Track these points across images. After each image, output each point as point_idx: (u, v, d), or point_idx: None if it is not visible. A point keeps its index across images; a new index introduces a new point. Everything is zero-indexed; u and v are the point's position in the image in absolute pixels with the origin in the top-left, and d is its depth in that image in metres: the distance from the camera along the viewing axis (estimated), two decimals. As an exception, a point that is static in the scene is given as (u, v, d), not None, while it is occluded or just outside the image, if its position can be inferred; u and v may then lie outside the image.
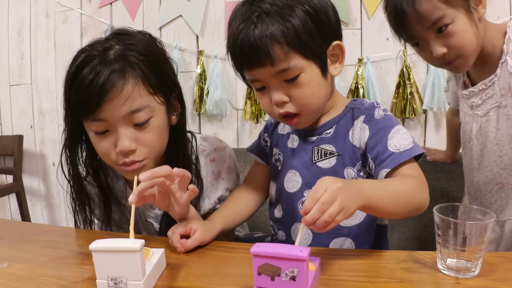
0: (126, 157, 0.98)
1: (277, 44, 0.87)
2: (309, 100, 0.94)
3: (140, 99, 0.95)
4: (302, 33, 0.88)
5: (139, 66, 0.96)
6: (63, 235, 1.11)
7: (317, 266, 0.75)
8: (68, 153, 1.08)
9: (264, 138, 1.19)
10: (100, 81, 0.91)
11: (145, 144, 0.99)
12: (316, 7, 0.91)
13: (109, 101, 0.92)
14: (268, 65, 0.89)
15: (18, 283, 0.82)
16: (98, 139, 0.99)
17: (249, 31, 0.88)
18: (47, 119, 2.57)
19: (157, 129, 1.00)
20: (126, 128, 0.96)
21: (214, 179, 1.16)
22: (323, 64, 0.94)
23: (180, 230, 0.93)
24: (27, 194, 2.55)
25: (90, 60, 0.93)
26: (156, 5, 2.25)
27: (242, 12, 0.92)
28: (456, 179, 1.60)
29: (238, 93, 2.17)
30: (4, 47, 2.63)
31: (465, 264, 0.75)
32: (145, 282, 0.73)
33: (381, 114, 0.97)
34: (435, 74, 1.84)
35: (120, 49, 0.96)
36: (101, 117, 0.94)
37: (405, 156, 0.90)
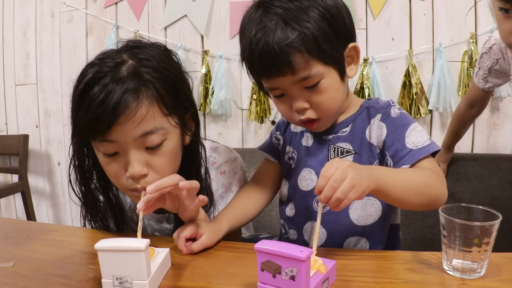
0: (137, 183, 0.90)
1: (298, 53, 0.86)
2: (329, 105, 0.94)
3: (154, 121, 0.88)
4: (321, 40, 0.87)
5: (154, 85, 0.89)
6: (68, 234, 1.11)
7: (329, 268, 0.74)
8: (77, 171, 1.01)
9: (276, 137, 1.17)
10: (112, 102, 0.84)
11: (157, 169, 0.91)
12: (332, 10, 0.90)
13: (121, 123, 0.85)
14: (289, 74, 0.88)
15: (23, 282, 0.82)
16: (108, 162, 0.92)
17: (268, 40, 0.86)
18: (52, 119, 2.59)
19: (170, 153, 0.93)
20: (137, 152, 0.89)
21: (224, 192, 1.13)
22: (342, 68, 0.94)
23: (186, 234, 0.92)
24: (32, 194, 2.57)
25: (100, 77, 0.86)
26: (161, 5, 2.25)
27: (257, 19, 0.90)
28: (462, 180, 1.59)
29: (243, 93, 2.17)
30: (9, 47, 2.65)
31: (471, 265, 0.75)
32: (150, 281, 0.73)
33: (397, 113, 0.97)
34: (440, 74, 1.83)
35: (133, 64, 0.89)
36: (111, 138, 0.87)
37: (423, 152, 0.90)
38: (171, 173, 0.92)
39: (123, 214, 1.11)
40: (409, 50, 1.89)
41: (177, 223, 1.06)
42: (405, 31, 1.92)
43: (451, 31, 1.86)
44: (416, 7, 1.90)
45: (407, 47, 1.91)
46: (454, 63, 1.86)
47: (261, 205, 1.14)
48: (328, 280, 0.74)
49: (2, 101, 2.72)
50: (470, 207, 0.80)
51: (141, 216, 0.82)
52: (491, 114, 1.87)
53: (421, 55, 1.91)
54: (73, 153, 0.99)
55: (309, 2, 0.88)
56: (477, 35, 1.82)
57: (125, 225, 1.11)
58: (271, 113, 2.10)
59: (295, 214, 1.08)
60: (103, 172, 0.98)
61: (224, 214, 1.05)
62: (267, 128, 2.16)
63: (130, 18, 2.31)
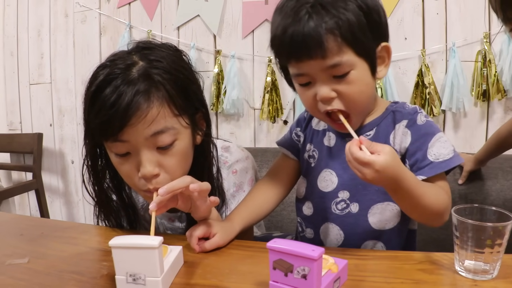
0: (149, 183, 0.91)
1: (331, 36, 0.84)
2: (358, 98, 0.91)
3: (165, 121, 0.89)
4: (355, 28, 0.85)
5: (164, 86, 0.90)
6: (82, 231, 1.12)
7: (340, 268, 0.75)
8: (91, 171, 1.03)
9: (296, 133, 1.14)
10: (124, 104, 0.85)
11: (168, 169, 0.93)
12: (370, 4, 0.88)
13: (132, 125, 0.86)
14: (319, 57, 0.85)
15: (38, 278, 0.83)
16: (120, 162, 0.93)
17: (302, 21, 0.84)
18: (66, 118, 2.61)
19: (181, 153, 0.94)
20: (149, 152, 0.90)
21: (236, 191, 1.13)
22: (373, 64, 0.91)
23: (199, 233, 0.92)
24: (46, 191, 2.60)
25: (112, 79, 0.87)
26: (174, 5, 2.27)
27: (292, 5, 0.87)
28: (475, 181, 1.58)
29: (255, 93, 2.17)
30: (24, 46, 2.68)
31: (483, 266, 0.74)
32: (163, 278, 0.73)
33: (423, 120, 0.96)
34: (454, 74, 1.82)
35: (143, 66, 0.90)
36: (123, 139, 0.88)
37: (443, 167, 0.90)
38: (183, 173, 0.95)
39: (136, 214, 1.12)
40: (422, 50, 1.88)
41: (189, 222, 1.07)
42: (418, 31, 1.91)
43: (464, 31, 1.84)
44: (429, 7, 1.88)
45: (420, 47, 1.90)
46: (468, 63, 1.85)
47: (275, 202, 1.12)
48: (339, 279, 0.74)
49: (16, 100, 2.75)
50: (483, 208, 0.80)
51: (153, 217, 0.83)
52: (505, 114, 1.85)
53: (434, 55, 1.89)
54: (86, 153, 1.00)
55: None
56: (490, 35, 1.81)
57: (138, 224, 1.12)
58: (283, 113, 2.10)
59: (313, 213, 1.07)
60: (116, 172, 0.99)
61: (237, 213, 1.05)
62: (279, 128, 2.16)
63: (143, 18, 2.33)
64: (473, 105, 1.86)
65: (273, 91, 2.09)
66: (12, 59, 2.73)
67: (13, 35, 2.70)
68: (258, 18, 2.10)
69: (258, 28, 2.12)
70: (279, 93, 2.10)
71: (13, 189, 2.50)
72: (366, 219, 0.99)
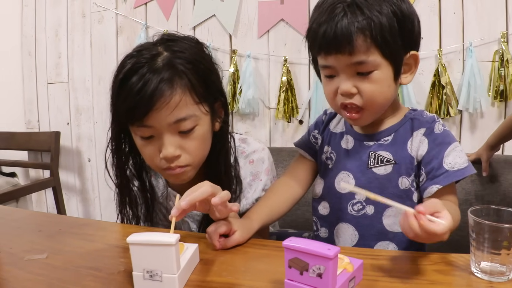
0: (171, 163, 0.98)
1: (361, 35, 0.89)
2: (377, 97, 0.95)
3: (187, 108, 0.96)
4: (386, 32, 0.90)
5: (187, 75, 0.96)
6: (99, 228, 1.14)
7: (356, 267, 0.75)
8: (114, 155, 1.09)
9: (314, 135, 1.18)
10: (149, 91, 0.91)
11: (189, 152, 0.99)
12: (404, 12, 0.93)
13: (157, 110, 0.92)
14: (347, 53, 0.90)
15: (56, 273, 0.85)
16: (144, 144, 1.00)
17: (337, 17, 0.89)
18: (83, 116, 2.64)
19: (201, 137, 1.01)
20: (171, 135, 0.97)
21: (252, 180, 1.17)
22: (397, 69, 0.95)
23: (222, 230, 0.93)
24: (63, 189, 2.63)
25: (138, 67, 0.93)
26: (190, 5, 2.28)
27: (330, 2, 0.93)
28: (492, 182, 1.57)
29: (270, 92, 2.18)
30: (42, 46, 2.71)
31: (499, 268, 0.74)
32: (179, 275, 0.74)
33: (441, 129, 0.98)
34: (471, 74, 1.80)
35: (167, 56, 0.96)
36: (148, 123, 0.95)
37: (458, 175, 0.94)
38: (202, 156, 1.04)
39: (153, 199, 1.16)
40: (438, 50, 1.86)
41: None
42: (435, 30, 1.89)
43: (481, 30, 1.82)
44: (446, 6, 1.87)
45: (437, 46, 1.88)
46: (485, 63, 1.83)
47: (292, 202, 1.15)
48: (354, 279, 0.74)
49: (34, 99, 2.79)
50: (500, 209, 0.79)
51: (173, 223, 0.85)
52: (523, 115, 1.83)
53: (450, 55, 1.88)
54: (111, 137, 1.07)
55: (389, 1, 0.91)
56: (508, 34, 1.78)
57: (155, 212, 1.17)
58: (298, 112, 2.10)
59: (329, 213, 1.09)
60: (138, 157, 1.08)
61: (255, 212, 1.07)
62: (295, 127, 2.16)
63: (159, 18, 2.34)
64: (490, 105, 1.84)
65: (289, 91, 2.09)
66: (30, 59, 2.77)
67: (31, 35, 2.74)
68: (274, 17, 2.11)
69: (273, 28, 2.13)
70: (294, 93, 2.10)
71: (31, 186, 2.54)
72: (380, 221, 1.01)
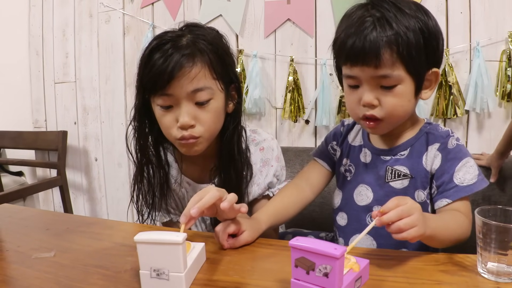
0: (185, 132, 1.05)
1: (389, 50, 0.90)
2: (397, 110, 0.97)
3: (205, 80, 1.04)
4: (413, 48, 0.91)
5: (207, 53, 1.05)
6: (107, 227, 1.15)
7: (362, 267, 0.75)
8: (136, 130, 1.16)
9: (332, 146, 1.21)
10: (172, 62, 1.01)
11: (203, 122, 1.07)
12: (431, 29, 0.95)
13: (178, 79, 1.01)
14: (373, 66, 0.91)
15: (63, 271, 0.85)
16: (163, 114, 1.07)
17: (366, 30, 0.91)
18: (90, 116, 2.65)
19: (215, 111, 1.08)
20: (188, 105, 1.05)
21: (262, 166, 1.23)
22: (419, 84, 0.97)
23: (231, 229, 0.94)
24: (70, 188, 2.64)
25: (163, 44, 1.04)
26: (196, 5, 2.28)
27: (360, 15, 0.95)
28: (499, 183, 1.56)
29: (277, 92, 2.17)
30: (49, 46, 2.72)
31: (506, 269, 0.74)
32: (186, 274, 0.75)
33: (454, 144, 1.01)
34: (478, 74, 1.79)
35: (191, 37, 1.06)
36: (169, 92, 1.03)
37: (467, 191, 0.96)
38: (214, 130, 1.12)
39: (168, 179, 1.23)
40: (445, 49, 1.85)
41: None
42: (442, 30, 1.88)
43: (488, 30, 1.82)
44: (453, 5, 1.86)
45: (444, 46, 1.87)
46: (492, 63, 1.82)
47: (301, 205, 1.17)
48: (361, 279, 0.74)
49: (42, 99, 2.80)
50: (507, 209, 0.79)
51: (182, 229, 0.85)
52: (530, 115, 1.83)
53: (458, 54, 1.87)
54: (134, 114, 1.15)
55: (414, 16, 0.93)
56: (516, 34, 1.78)
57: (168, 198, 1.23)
58: (305, 112, 2.10)
59: (347, 224, 1.12)
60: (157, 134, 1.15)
61: (264, 212, 1.08)
62: (301, 127, 2.16)
63: (166, 18, 2.34)
64: (497, 105, 1.83)
65: (295, 91, 2.09)
66: (38, 58, 2.78)
67: (38, 35, 2.75)
68: (280, 17, 2.10)
69: (280, 28, 2.12)
70: (301, 93, 2.10)
71: (38, 185, 2.55)
72: None
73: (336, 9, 2.00)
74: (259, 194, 1.22)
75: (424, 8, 0.97)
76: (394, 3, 0.94)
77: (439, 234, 0.87)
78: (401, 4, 0.94)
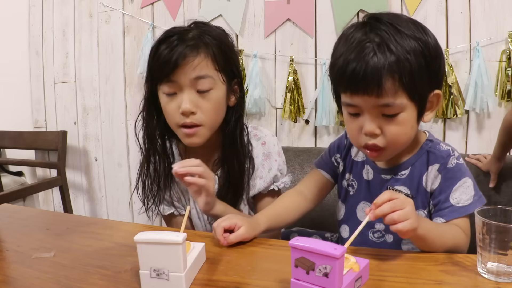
0: (187, 118, 1.12)
1: (391, 78, 0.87)
2: (400, 139, 0.94)
3: (207, 70, 1.12)
4: (415, 75, 0.88)
5: (211, 47, 1.13)
6: (107, 227, 1.15)
7: (362, 267, 0.75)
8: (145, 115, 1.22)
9: (336, 159, 1.19)
10: (177, 52, 1.09)
11: (204, 111, 1.13)
12: (433, 53, 0.91)
13: (182, 67, 1.09)
14: (374, 95, 0.88)
15: (63, 271, 0.86)
16: (168, 101, 1.14)
17: (366, 58, 0.87)
18: (90, 116, 2.65)
19: (216, 100, 1.15)
20: (190, 92, 1.12)
21: (264, 159, 1.28)
22: (422, 109, 0.95)
23: (225, 224, 0.96)
24: (70, 188, 2.64)
25: (170, 37, 1.12)
26: (196, 5, 2.28)
27: (359, 39, 0.91)
28: (499, 182, 1.56)
29: (277, 92, 2.17)
30: (49, 46, 2.72)
31: (506, 268, 0.74)
32: (186, 274, 0.75)
33: (453, 163, 0.99)
34: (478, 74, 1.79)
35: (197, 32, 1.14)
36: (174, 79, 1.11)
37: (462, 212, 0.96)
38: (215, 120, 1.18)
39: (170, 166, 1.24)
40: (445, 49, 1.85)
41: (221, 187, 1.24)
42: (442, 30, 1.89)
43: (488, 30, 1.81)
44: (453, 5, 1.86)
45: (444, 46, 1.87)
46: (492, 63, 1.82)
47: (300, 214, 1.18)
48: (361, 278, 0.75)
49: (42, 99, 2.80)
50: (507, 209, 0.79)
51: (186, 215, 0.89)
52: (530, 115, 1.82)
53: (457, 54, 1.87)
54: (144, 103, 1.22)
55: (413, 37, 0.89)
56: (516, 34, 1.78)
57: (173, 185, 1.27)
58: (305, 112, 2.10)
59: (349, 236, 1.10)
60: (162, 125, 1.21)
61: (263, 214, 1.10)
62: (301, 127, 2.16)
63: (166, 18, 2.34)
64: (497, 105, 1.83)
65: (295, 91, 2.08)
66: (38, 58, 2.78)
67: (38, 35, 2.75)
68: (280, 17, 2.10)
69: (280, 28, 2.12)
70: (301, 93, 2.10)
71: (38, 185, 2.55)
72: (400, 248, 1.05)
73: (336, 9, 2.00)
74: (265, 188, 1.27)
75: (422, 26, 0.93)
76: (391, 24, 0.90)
77: (431, 237, 0.87)
78: (399, 24, 0.90)
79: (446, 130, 1.91)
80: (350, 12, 1.95)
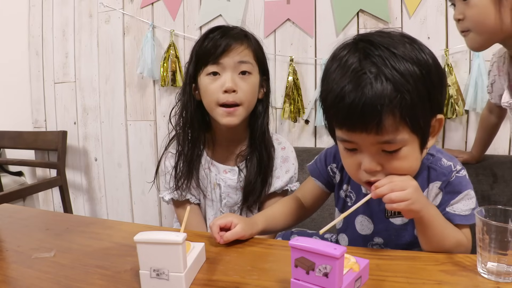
0: (229, 96, 1.26)
1: (391, 115, 0.80)
2: (404, 172, 0.88)
3: (248, 57, 1.30)
4: (417, 108, 0.82)
5: (252, 41, 1.33)
6: (106, 227, 1.15)
7: (362, 267, 0.75)
8: (184, 99, 1.35)
9: (332, 169, 1.14)
10: (226, 40, 1.27)
11: (243, 90, 1.28)
12: (435, 81, 0.85)
13: (228, 51, 1.27)
14: (373, 133, 0.82)
15: (63, 271, 0.86)
16: (210, 82, 1.29)
17: (363, 93, 0.80)
18: (90, 116, 2.65)
19: (252, 85, 1.31)
20: (233, 73, 1.28)
21: (282, 162, 1.42)
22: (425, 139, 0.88)
23: (220, 222, 0.98)
24: (69, 188, 2.63)
25: (219, 28, 1.31)
26: (196, 5, 2.28)
27: (354, 66, 0.83)
28: (498, 182, 1.56)
29: (276, 92, 2.17)
30: (49, 46, 2.72)
31: (506, 268, 0.74)
32: (186, 274, 0.75)
33: (454, 177, 0.95)
34: (478, 73, 1.79)
35: (241, 29, 1.34)
36: (220, 61, 1.27)
37: (457, 219, 0.93)
38: (252, 99, 1.33)
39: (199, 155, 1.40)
40: (445, 49, 1.85)
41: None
42: (441, 30, 1.89)
43: (489, 30, 1.81)
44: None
45: (443, 46, 1.88)
46: (492, 63, 1.82)
47: (298, 219, 1.19)
48: (361, 278, 0.75)
49: (41, 99, 2.80)
50: (507, 209, 0.79)
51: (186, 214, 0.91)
52: (530, 115, 1.82)
53: (457, 55, 1.87)
54: (183, 87, 1.37)
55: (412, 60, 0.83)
56: (516, 35, 1.78)
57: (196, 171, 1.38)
58: (304, 112, 2.10)
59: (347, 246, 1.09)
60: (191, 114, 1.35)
61: (261, 215, 1.12)
62: (301, 127, 2.16)
63: (166, 18, 2.34)
64: (497, 105, 1.83)
65: (295, 91, 2.08)
66: (37, 58, 2.78)
67: (38, 35, 2.75)
68: (280, 17, 2.10)
69: (280, 28, 2.12)
70: (300, 93, 2.10)
71: (38, 185, 2.55)
72: None
73: (336, 9, 2.00)
74: (281, 187, 1.39)
75: (416, 42, 0.87)
76: (387, 47, 0.82)
77: (434, 225, 0.87)
78: (395, 47, 0.83)
79: (446, 130, 1.91)
80: (350, 12, 1.95)
